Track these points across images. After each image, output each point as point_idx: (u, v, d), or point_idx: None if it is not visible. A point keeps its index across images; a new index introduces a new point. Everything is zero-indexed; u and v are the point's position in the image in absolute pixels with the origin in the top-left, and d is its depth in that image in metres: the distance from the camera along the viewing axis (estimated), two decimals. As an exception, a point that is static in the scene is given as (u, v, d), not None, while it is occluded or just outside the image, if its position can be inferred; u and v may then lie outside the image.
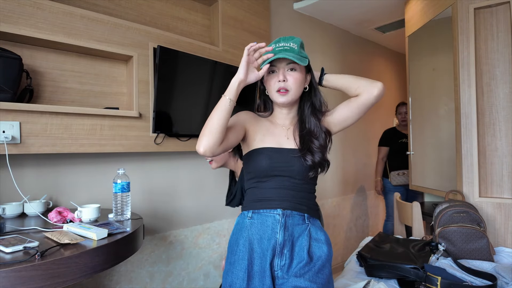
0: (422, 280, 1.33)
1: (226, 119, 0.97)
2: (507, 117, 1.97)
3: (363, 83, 1.08)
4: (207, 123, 0.98)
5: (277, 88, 1.06)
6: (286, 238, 1.03)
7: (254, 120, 1.15)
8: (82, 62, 1.69)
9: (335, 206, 3.25)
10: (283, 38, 1.08)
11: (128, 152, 1.83)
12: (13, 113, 1.35)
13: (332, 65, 3.28)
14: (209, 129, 0.96)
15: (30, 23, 1.42)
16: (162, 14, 2.02)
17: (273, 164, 1.06)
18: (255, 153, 1.09)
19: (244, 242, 1.05)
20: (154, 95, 1.75)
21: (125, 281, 1.81)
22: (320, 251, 1.05)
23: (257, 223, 1.06)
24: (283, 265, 1.02)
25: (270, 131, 1.13)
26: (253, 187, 1.12)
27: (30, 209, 1.41)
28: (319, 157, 1.06)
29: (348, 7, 2.93)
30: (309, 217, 1.08)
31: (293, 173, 1.06)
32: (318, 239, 1.07)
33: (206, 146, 0.95)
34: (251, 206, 1.09)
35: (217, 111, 0.98)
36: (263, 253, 1.02)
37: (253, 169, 1.09)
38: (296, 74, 1.07)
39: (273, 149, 1.08)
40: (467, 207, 1.75)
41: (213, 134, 0.95)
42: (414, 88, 2.68)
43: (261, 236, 1.04)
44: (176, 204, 2.06)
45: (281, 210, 1.05)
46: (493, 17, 2.01)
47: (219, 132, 0.96)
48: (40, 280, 0.85)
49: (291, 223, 1.05)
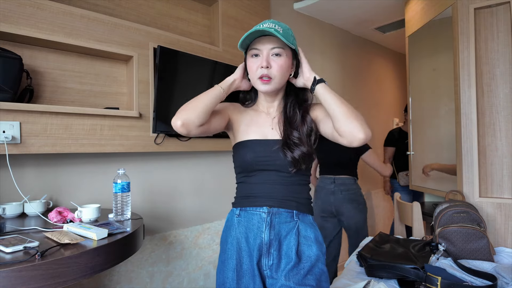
0: (422, 280, 1.33)
1: (212, 103, 0.95)
2: (507, 117, 1.97)
3: (347, 127, 0.92)
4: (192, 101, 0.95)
5: (259, 74, 0.98)
6: (272, 238, 0.99)
7: (238, 110, 1.12)
8: (82, 62, 1.69)
9: (335, 206, 3.25)
10: (269, 20, 0.99)
11: (128, 152, 1.83)
12: (13, 113, 1.35)
13: (332, 65, 3.28)
14: (193, 105, 0.93)
15: (30, 23, 1.42)
16: (162, 14, 2.02)
17: (257, 158, 1.01)
18: (240, 146, 1.05)
19: (232, 241, 1.02)
20: (154, 95, 1.75)
21: (125, 281, 1.81)
22: (309, 251, 0.99)
23: (243, 221, 1.03)
24: (271, 265, 0.98)
25: (254, 121, 1.08)
26: (241, 182, 1.08)
27: (30, 209, 1.41)
28: (299, 152, 0.98)
29: (348, 7, 2.93)
30: (298, 213, 1.02)
31: (278, 167, 1.01)
32: (307, 237, 1.01)
33: (185, 120, 0.92)
34: (239, 203, 1.06)
35: (206, 94, 0.96)
36: (250, 252, 0.99)
37: (239, 164, 1.06)
38: (281, 60, 0.98)
39: (257, 142, 1.03)
40: (467, 207, 1.75)
41: (195, 111, 0.93)
42: (414, 88, 2.68)
43: (247, 235, 1.01)
44: (176, 204, 2.06)
45: (267, 208, 1.00)
46: (493, 17, 2.01)
47: (203, 112, 0.93)
48: (40, 280, 0.85)
49: (278, 221, 1.00)
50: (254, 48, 0.99)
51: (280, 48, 0.98)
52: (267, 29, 0.93)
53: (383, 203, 3.94)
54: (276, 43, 0.98)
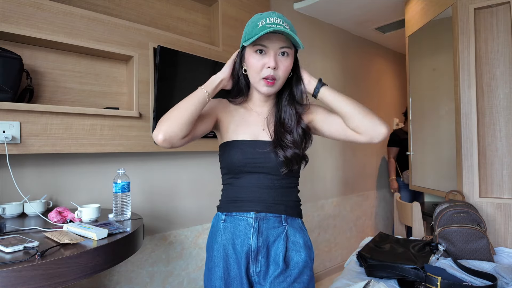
0: (422, 280, 1.33)
1: (197, 110, 0.86)
2: (507, 118, 1.97)
3: (367, 123, 0.91)
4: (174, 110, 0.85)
5: (265, 75, 0.90)
6: (260, 244, 0.94)
7: (227, 108, 1.03)
8: (83, 62, 1.69)
9: (335, 206, 3.25)
10: (273, 13, 0.89)
11: (128, 152, 1.83)
12: (13, 113, 1.35)
13: (332, 65, 3.28)
14: (176, 116, 0.83)
15: (31, 23, 1.42)
16: (162, 14, 2.02)
17: (245, 159, 0.95)
18: (228, 146, 0.99)
19: (218, 248, 0.97)
20: (154, 95, 1.75)
21: (125, 281, 1.81)
22: (298, 257, 0.96)
23: (230, 227, 0.97)
24: (259, 272, 0.95)
25: (245, 120, 1.01)
26: (227, 184, 1.02)
27: (30, 209, 1.40)
28: (291, 153, 0.94)
29: (348, 7, 2.92)
30: (287, 217, 0.98)
31: (268, 169, 0.96)
32: (296, 242, 0.97)
33: (167, 133, 0.82)
34: (225, 208, 1.01)
35: (190, 100, 0.86)
36: (238, 260, 0.95)
37: (226, 165, 1.00)
38: (287, 60, 0.92)
39: (246, 142, 0.97)
40: (467, 207, 1.75)
41: (178, 122, 0.83)
42: (414, 89, 2.68)
43: (234, 242, 0.96)
44: (176, 204, 2.06)
45: (254, 213, 0.95)
46: (493, 17, 2.01)
47: (187, 123, 0.84)
48: (40, 280, 0.85)
49: (266, 227, 0.96)
50: (261, 44, 0.89)
51: (288, 47, 0.91)
52: (283, 29, 0.85)
53: (383, 203, 3.94)
54: (284, 42, 0.90)
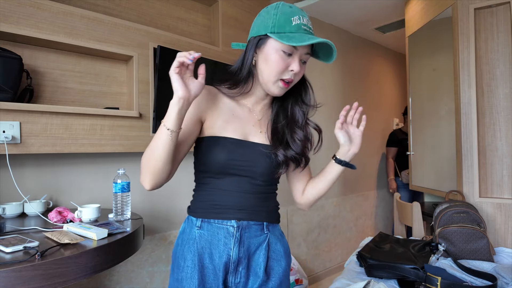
0: (422, 280, 1.33)
1: (169, 152, 0.78)
2: (507, 118, 1.97)
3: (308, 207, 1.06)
4: (148, 159, 0.80)
5: (287, 77, 0.86)
6: (241, 255, 0.88)
7: (213, 101, 0.92)
8: (83, 62, 1.69)
9: (335, 206, 3.25)
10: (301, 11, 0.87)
11: (128, 152, 1.83)
12: (13, 113, 1.35)
13: (332, 65, 3.28)
14: (153, 166, 0.79)
15: (31, 23, 1.42)
16: (162, 14, 2.02)
17: (231, 161, 0.87)
18: (211, 142, 0.88)
19: (193, 257, 0.87)
20: (154, 95, 1.75)
21: (125, 281, 1.81)
22: (278, 266, 0.93)
23: (207, 235, 0.88)
24: (238, 283, 0.89)
25: (235, 116, 0.92)
26: (203, 184, 0.92)
27: (30, 209, 1.41)
28: (294, 151, 0.91)
29: (348, 7, 2.92)
30: (269, 224, 0.94)
31: (255, 174, 0.89)
32: (277, 250, 0.94)
33: (153, 185, 0.81)
34: (202, 213, 0.90)
35: (156, 144, 0.78)
36: (216, 271, 0.87)
37: (207, 162, 0.89)
38: (304, 68, 0.90)
39: (234, 141, 0.88)
40: (467, 207, 1.75)
41: (157, 172, 0.79)
42: (414, 89, 2.68)
43: (212, 252, 0.87)
44: (176, 204, 2.06)
45: (236, 221, 0.88)
46: (493, 17, 2.01)
47: (164, 169, 0.80)
48: (40, 280, 0.85)
49: (247, 236, 0.89)
50: (293, 47, 0.84)
51: (310, 55, 0.89)
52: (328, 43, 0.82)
53: (383, 203, 3.94)
54: (309, 49, 0.88)
